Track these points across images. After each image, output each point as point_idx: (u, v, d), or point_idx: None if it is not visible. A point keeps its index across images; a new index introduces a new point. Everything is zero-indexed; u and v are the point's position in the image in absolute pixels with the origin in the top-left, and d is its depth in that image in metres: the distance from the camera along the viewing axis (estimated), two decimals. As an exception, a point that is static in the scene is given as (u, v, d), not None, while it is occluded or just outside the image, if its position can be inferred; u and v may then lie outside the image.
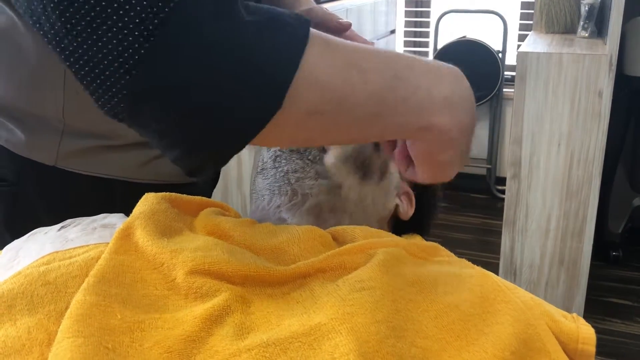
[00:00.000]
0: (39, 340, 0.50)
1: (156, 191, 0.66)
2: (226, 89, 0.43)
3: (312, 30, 0.47)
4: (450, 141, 0.56)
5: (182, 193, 0.71)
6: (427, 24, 3.71)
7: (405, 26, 3.76)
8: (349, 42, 0.50)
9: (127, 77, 0.41)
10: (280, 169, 0.73)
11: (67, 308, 0.50)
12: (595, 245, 2.11)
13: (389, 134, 0.56)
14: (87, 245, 0.61)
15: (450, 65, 0.57)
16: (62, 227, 0.67)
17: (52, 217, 0.79)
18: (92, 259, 0.58)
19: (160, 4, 0.40)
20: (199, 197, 0.71)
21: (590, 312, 2.27)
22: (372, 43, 0.87)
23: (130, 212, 0.69)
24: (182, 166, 0.49)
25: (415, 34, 3.77)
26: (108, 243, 0.60)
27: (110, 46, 0.41)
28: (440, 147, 0.56)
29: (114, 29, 0.40)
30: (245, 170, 2.35)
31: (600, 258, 2.68)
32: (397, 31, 3.58)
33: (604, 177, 2.06)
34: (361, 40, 0.86)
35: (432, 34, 3.54)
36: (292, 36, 0.45)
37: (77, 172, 0.82)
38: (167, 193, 0.68)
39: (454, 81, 0.56)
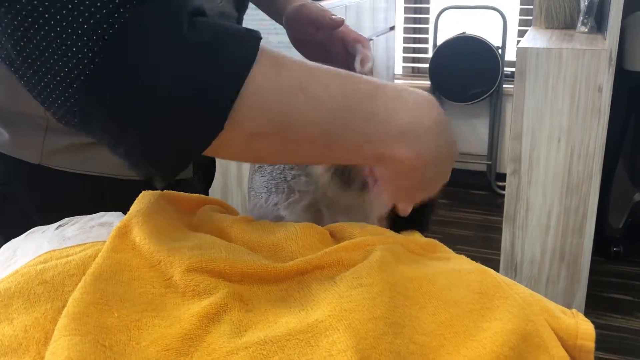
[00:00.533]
0: (35, 339, 0.50)
1: (147, 188, 0.66)
2: (168, 108, 0.44)
3: (264, 48, 0.46)
4: (410, 171, 0.55)
5: (175, 190, 0.71)
6: (426, 20, 3.70)
7: (405, 22, 3.75)
8: (305, 62, 0.49)
9: (76, 94, 0.44)
10: (277, 167, 0.73)
11: (64, 307, 0.50)
12: (595, 241, 2.11)
13: (343, 159, 0.55)
14: (84, 244, 0.61)
15: (422, 93, 0.55)
16: (60, 225, 0.67)
17: (42, 216, 0.78)
18: (89, 258, 0.57)
19: (104, 26, 0.42)
20: (196, 195, 0.71)
21: (591, 308, 2.27)
22: (368, 41, 0.87)
23: (121, 209, 0.69)
24: (137, 174, 0.51)
25: (415, 31, 3.77)
26: (105, 241, 0.60)
27: (60, 63, 0.43)
28: (400, 176, 0.56)
29: (63, 48, 0.42)
30: (245, 168, 2.35)
31: (600, 254, 2.68)
32: (396, 27, 3.58)
33: (605, 172, 2.06)
34: (355, 36, 0.86)
35: (431, 31, 3.53)
36: (236, 57, 0.45)
37: (63, 170, 0.81)
38: (165, 191, 0.68)
39: (418, 110, 0.53)
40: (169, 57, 0.43)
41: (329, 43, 0.90)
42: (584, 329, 0.54)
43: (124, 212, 0.75)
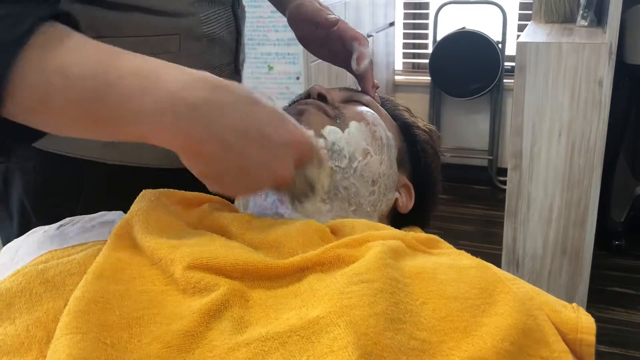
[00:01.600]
0: (37, 338, 0.50)
1: (124, 173, 0.65)
2: None
3: (44, 30, 0.50)
4: (184, 151, 0.55)
5: (160, 179, 0.72)
6: (426, 16, 3.70)
7: (405, 18, 3.74)
8: (83, 42, 0.52)
9: None
10: None
11: (65, 305, 0.50)
12: (597, 235, 2.10)
13: (115, 137, 0.56)
14: (86, 243, 0.62)
15: (195, 72, 0.55)
16: (61, 225, 0.67)
17: (29, 197, 0.80)
18: (90, 257, 0.58)
19: None
20: (196, 193, 0.71)
21: (593, 302, 2.27)
22: (365, 38, 0.87)
23: (100, 193, 0.74)
24: None
25: (415, 26, 3.76)
26: (106, 240, 0.60)
27: None
28: (185, 158, 0.56)
29: None
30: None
31: (602, 247, 2.67)
32: (396, 23, 3.58)
33: (606, 166, 2.05)
34: (352, 34, 0.86)
35: (431, 26, 3.53)
36: (8, 35, 0.49)
37: (46, 150, 0.80)
38: (165, 189, 0.68)
39: (182, 89, 0.53)
40: None
41: (328, 41, 0.90)
42: (585, 323, 0.54)
43: (102, 197, 0.76)
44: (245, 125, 0.56)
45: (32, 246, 0.63)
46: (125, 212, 0.68)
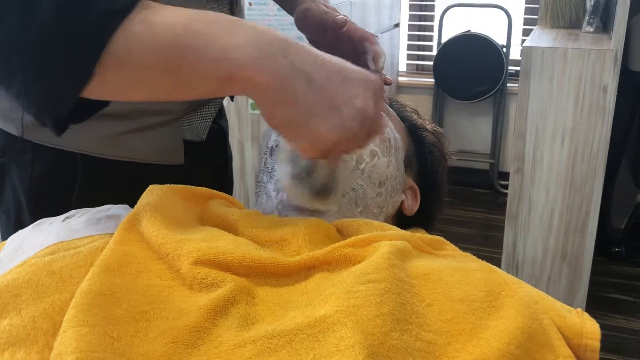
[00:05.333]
0: (43, 330, 0.50)
1: (120, 168, 0.66)
2: (39, 55, 0.50)
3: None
4: (268, 92, 0.55)
5: (154, 174, 0.73)
6: (431, 18, 3.70)
7: (410, 20, 3.74)
8: (166, 7, 0.54)
9: None
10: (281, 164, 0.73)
11: (72, 298, 0.50)
12: (597, 241, 2.10)
13: (198, 86, 0.56)
14: (92, 236, 0.61)
15: (250, 23, 0.57)
16: (67, 217, 0.67)
17: (25, 190, 0.81)
18: (97, 249, 0.58)
19: None
20: (203, 189, 0.71)
21: (592, 308, 2.27)
22: (375, 37, 0.87)
23: (92, 189, 0.75)
24: (32, 117, 0.54)
25: (420, 28, 3.76)
26: (113, 234, 0.60)
27: None
28: (269, 103, 0.56)
29: None
30: (248, 162, 2.35)
31: (602, 254, 2.68)
32: (401, 25, 3.58)
33: (608, 172, 2.05)
34: (361, 34, 0.86)
35: (436, 28, 3.53)
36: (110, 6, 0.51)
37: (43, 144, 0.80)
38: (172, 185, 0.68)
39: (252, 32, 0.55)
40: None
41: (338, 43, 0.90)
42: (590, 328, 0.54)
43: (96, 191, 0.78)
44: (323, 60, 0.57)
45: (37, 237, 0.63)
46: (127, 205, 0.69)
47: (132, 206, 0.64)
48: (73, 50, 0.50)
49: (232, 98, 1.08)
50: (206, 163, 0.94)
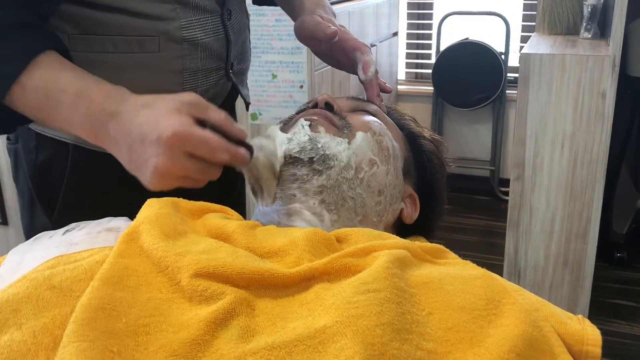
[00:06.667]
0: (44, 345, 0.50)
1: (107, 159, 0.70)
2: None
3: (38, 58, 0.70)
4: (111, 151, 0.69)
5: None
6: (429, 26, 3.71)
7: (408, 28, 3.75)
8: (50, 65, 0.71)
9: None
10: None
11: (72, 312, 0.50)
12: (599, 247, 2.10)
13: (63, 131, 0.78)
14: (92, 249, 0.62)
15: (112, 91, 0.70)
16: (67, 230, 0.67)
17: (30, 174, 0.88)
18: (96, 263, 0.58)
19: None
20: (201, 202, 0.72)
21: (595, 314, 2.26)
22: (366, 47, 0.87)
23: (80, 180, 0.84)
24: None
25: (418, 36, 3.77)
26: (113, 247, 0.60)
27: None
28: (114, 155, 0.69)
29: None
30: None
31: (604, 259, 2.67)
32: (399, 33, 3.59)
33: (608, 178, 2.05)
34: (352, 44, 0.87)
35: (434, 36, 3.54)
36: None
37: (43, 133, 0.86)
38: (171, 198, 0.68)
39: (87, 106, 0.69)
40: None
41: (333, 52, 0.90)
42: (591, 335, 0.54)
43: (83, 179, 0.85)
44: (128, 129, 0.66)
45: (38, 251, 0.63)
46: (109, 200, 0.71)
47: (119, 201, 0.67)
48: None
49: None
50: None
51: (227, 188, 1.01)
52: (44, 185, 0.88)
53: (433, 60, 3.48)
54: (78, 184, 0.87)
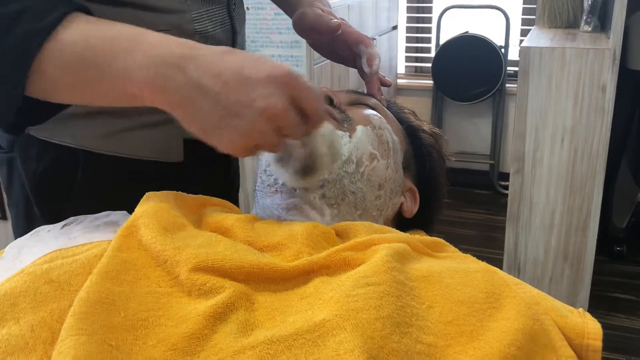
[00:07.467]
0: (42, 339, 0.50)
1: (120, 164, 0.67)
2: None
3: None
4: (173, 107, 0.59)
5: (154, 170, 0.77)
6: (429, 20, 3.70)
7: (407, 22, 3.75)
8: (85, 21, 0.61)
9: None
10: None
11: (70, 306, 0.50)
12: (599, 241, 2.10)
13: (109, 99, 0.63)
14: (90, 243, 0.61)
15: (172, 37, 0.61)
16: (65, 224, 0.67)
17: (30, 184, 0.83)
18: (95, 257, 0.57)
19: None
20: (200, 196, 0.71)
21: (595, 307, 2.27)
22: (370, 39, 0.87)
23: (93, 185, 0.78)
24: None
25: (418, 30, 3.77)
26: (111, 240, 0.60)
27: None
28: (179, 116, 0.60)
29: None
30: (247, 168, 2.34)
31: (604, 253, 2.67)
32: (399, 27, 3.58)
33: (608, 172, 2.05)
34: (356, 37, 0.86)
35: (434, 30, 3.53)
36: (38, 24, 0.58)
37: (47, 140, 0.81)
38: (170, 191, 0.68)
39: (152, 50, 0.58)
40: None
41: (334, 45, 0.90)
42: (592, 328, 0.54)
43: (96, 187, 0.80)
44: (218, 69, 0.58)
45: (36, 245, 0.63)
46: (121, 204, 0.69)
47: (132, 205, 0.64)
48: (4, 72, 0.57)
49: None
50: (205, 161, 0.94)
51: (226, 188, 1.01)
52: (48, 195, 0.83)
53: (433, 54, 3.48)
54: (92, 193, 0.81)
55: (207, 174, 0.92)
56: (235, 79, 0.57)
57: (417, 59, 3.82)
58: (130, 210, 0.66)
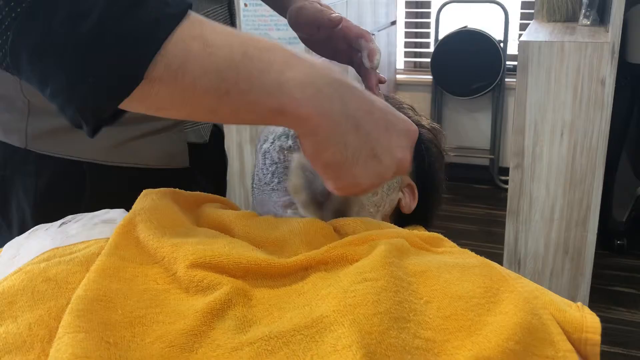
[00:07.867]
0: (40, 337, 0.50)
1: (127, 174, 0.65)
2: (91, 51, 0.46)
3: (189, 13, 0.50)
4: (318, 132, 0.54)
5: (161, 179, 0.73)
6: (427, 15, 3.70)
7: (406, 17, 3.74)
8: (219, 25, 0.52)
9: (7, 31, 0.46)
10: (280, 165, 0.73)
11: (68, 304, 0.50)
12: (599, 234, 2.10)
13: (244, 113, 0.53)
14: (88, 241, 0.61)
15: (318, 58, 0.58)
16: (63, 223, 0.67)
17: (30, 202, 0.81)
18: (92, 255, 0.57)
19: None
20: (198, 193, 0.71)
21: (595, 301, 2.27)
22: (370, 34, 0.86)
23: (100, 197, 0.73)
24: (66, 119, 0.51)
25: (416, 25, 3.76)
26: (108, 238, 0.60)
27: None
28: (316, 142, 0.54)
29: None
30: (247, 163, 2.34)
31: (604, 247, 2.67)
32: (397, 22, 3.57)
33: (608, 165, 2.05)
34: (357, 31, 0.85)
35: (433, 25, 3.53)
36: (163, 15, 0.48)
37: (48, 154, 0.80)
38: (167, 189, 0.68)
39: (315, 66, 0.54)
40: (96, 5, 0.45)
41: (332, 40, 0.89)
42: (590, 322, 0.54)
43: (103, 199, 0.75)
44: (371, 108, 0.57)
45: (33, 244, 0.63)
46: (127, 210, 0.68)
47: None
48: (125, 50, 0.47)
49: None
50: (206, 165, 0.94)
51: (219, 176, 1.01)
52: (53, 211, 0.78)
53: (432, 49, 3.47)
54: (99, 204, 0.76)
55: (206, 178, 0.93)
56: (382, 121, 0.57)
57: (416, 54, 3.82)
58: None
